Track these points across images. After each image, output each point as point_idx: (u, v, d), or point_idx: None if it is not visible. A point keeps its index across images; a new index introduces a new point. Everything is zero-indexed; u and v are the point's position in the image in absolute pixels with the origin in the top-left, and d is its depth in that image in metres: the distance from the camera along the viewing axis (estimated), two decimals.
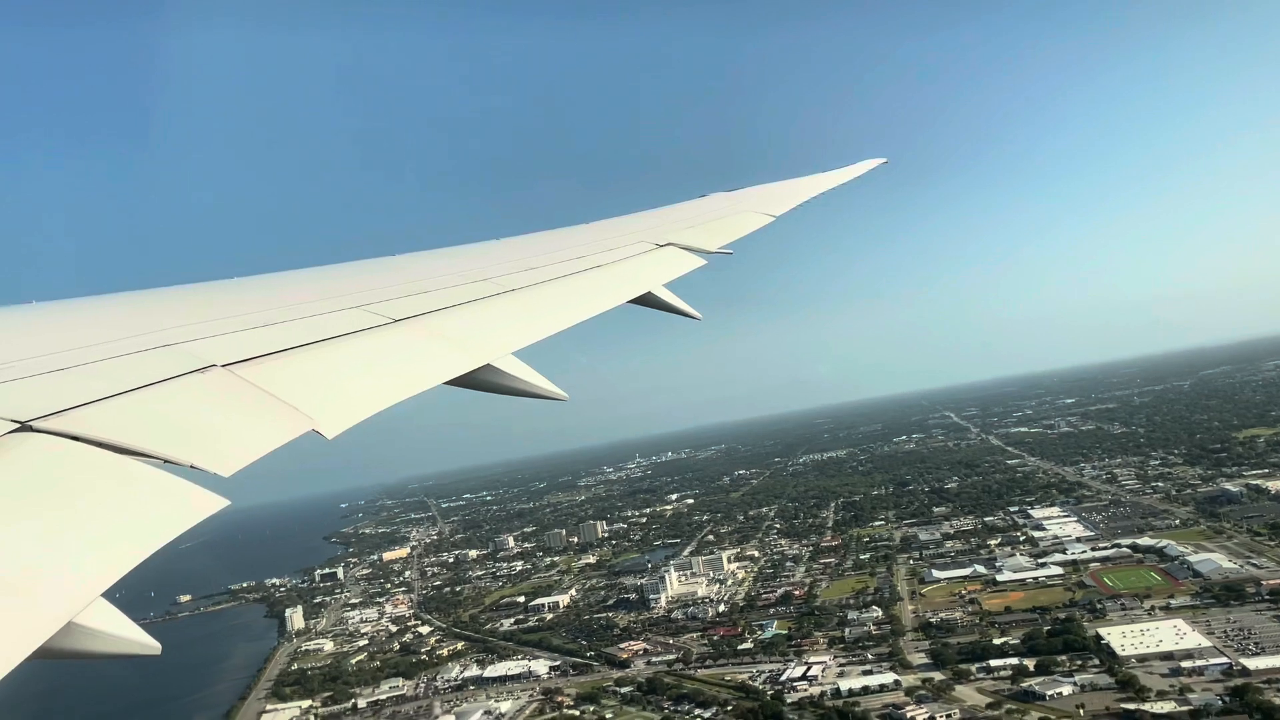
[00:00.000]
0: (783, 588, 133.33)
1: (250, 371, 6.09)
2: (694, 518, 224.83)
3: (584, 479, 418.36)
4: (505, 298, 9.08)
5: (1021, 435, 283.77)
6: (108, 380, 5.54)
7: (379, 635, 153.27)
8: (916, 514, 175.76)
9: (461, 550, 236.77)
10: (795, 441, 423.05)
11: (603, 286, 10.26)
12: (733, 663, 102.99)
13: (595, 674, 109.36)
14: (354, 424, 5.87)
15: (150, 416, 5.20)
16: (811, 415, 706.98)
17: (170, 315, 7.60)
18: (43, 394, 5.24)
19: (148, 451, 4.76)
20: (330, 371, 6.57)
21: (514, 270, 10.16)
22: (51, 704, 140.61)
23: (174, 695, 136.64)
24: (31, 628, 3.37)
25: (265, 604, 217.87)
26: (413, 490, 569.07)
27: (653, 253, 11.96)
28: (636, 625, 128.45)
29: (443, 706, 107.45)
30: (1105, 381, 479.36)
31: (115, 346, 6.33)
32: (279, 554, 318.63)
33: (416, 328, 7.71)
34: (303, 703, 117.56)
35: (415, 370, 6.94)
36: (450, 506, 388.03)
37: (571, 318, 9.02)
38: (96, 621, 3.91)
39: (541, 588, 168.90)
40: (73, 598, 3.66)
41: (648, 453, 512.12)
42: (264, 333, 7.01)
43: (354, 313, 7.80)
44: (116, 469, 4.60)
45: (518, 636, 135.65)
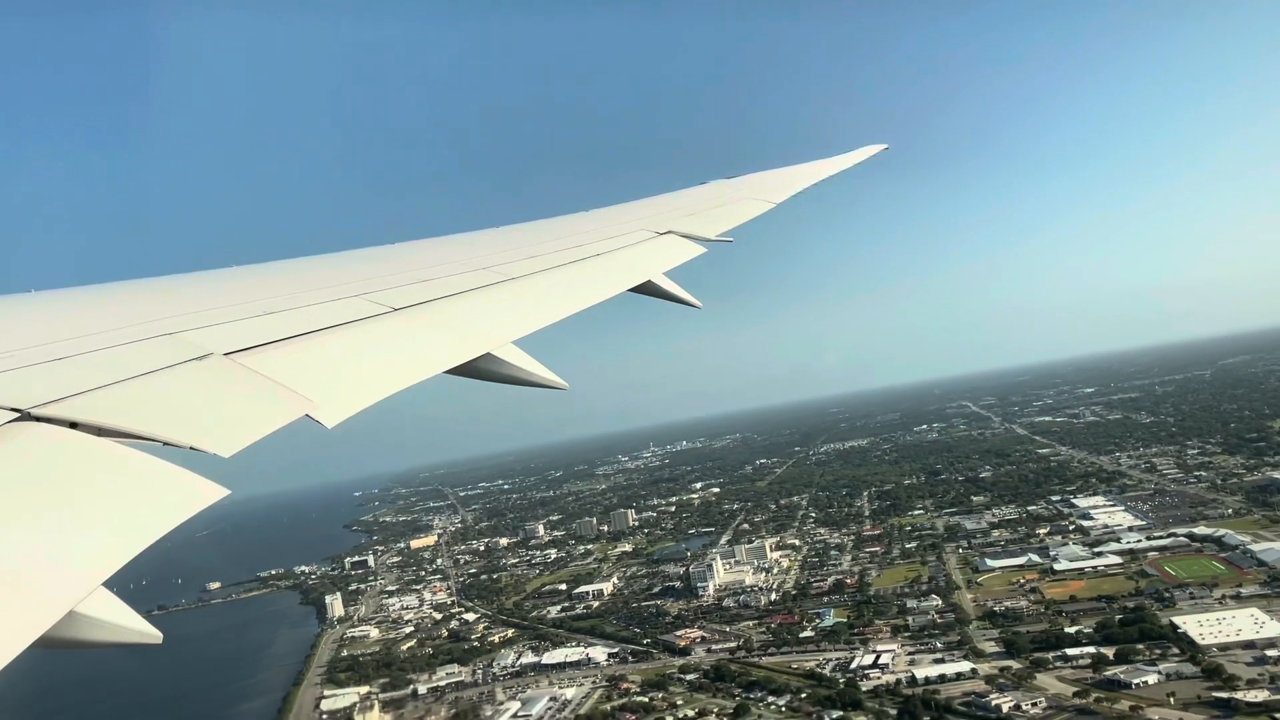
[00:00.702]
0: (832, 576, 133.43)
1: (250, 360, 6.08)
2: (724, 507, 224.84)
3: (601, 467, 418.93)
4: (505, 286, 9.06)
5: (1046, 424, 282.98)
6: (107, 369, 5.54)
7: (424, 622, 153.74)
8: (955, 503, 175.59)
9: (491, 538, 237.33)
10: (812, 431, 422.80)
11: (603, 275, 10.26)
12: (796, 650, 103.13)
13: (656, 661, 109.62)
14: (354, 413, 5.85)
15: (150, 403, 5.21)
16: (823, 404, 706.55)
17: (169, 304, 7.62)
18: (42, 382, 5.22)
19: (147, 435, 4.74)
20: (330, 360, 6.56)
21: (514, 259, 10.15)
22: (98, 691, 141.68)
23: (225, 681, 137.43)
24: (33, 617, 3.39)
25: (298, 591, 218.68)
26: (424, 479, 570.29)
27: (653, 241, 11.90)
28: (688, 613, 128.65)
29: (506, 693, 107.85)
30: (1121, 371, 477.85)
31: (114, 335, 6.32)
32: (301, 542, 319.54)
33: (416, 316, 7.72)
34: (360, 688, 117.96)
35: (415, 359, 6.95)
36: (468, 495, 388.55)
37: (572, 306, 9.02)
38: (97, 610, 3.92)
39: (581, 575, 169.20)
40: (74, 587, 3.67)
41: (661, 441, 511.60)
42: (263, 321, 6.99)
43: (354, 301, 7.79)
44: (117, 458, 4.58)
45: (567, 624, 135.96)
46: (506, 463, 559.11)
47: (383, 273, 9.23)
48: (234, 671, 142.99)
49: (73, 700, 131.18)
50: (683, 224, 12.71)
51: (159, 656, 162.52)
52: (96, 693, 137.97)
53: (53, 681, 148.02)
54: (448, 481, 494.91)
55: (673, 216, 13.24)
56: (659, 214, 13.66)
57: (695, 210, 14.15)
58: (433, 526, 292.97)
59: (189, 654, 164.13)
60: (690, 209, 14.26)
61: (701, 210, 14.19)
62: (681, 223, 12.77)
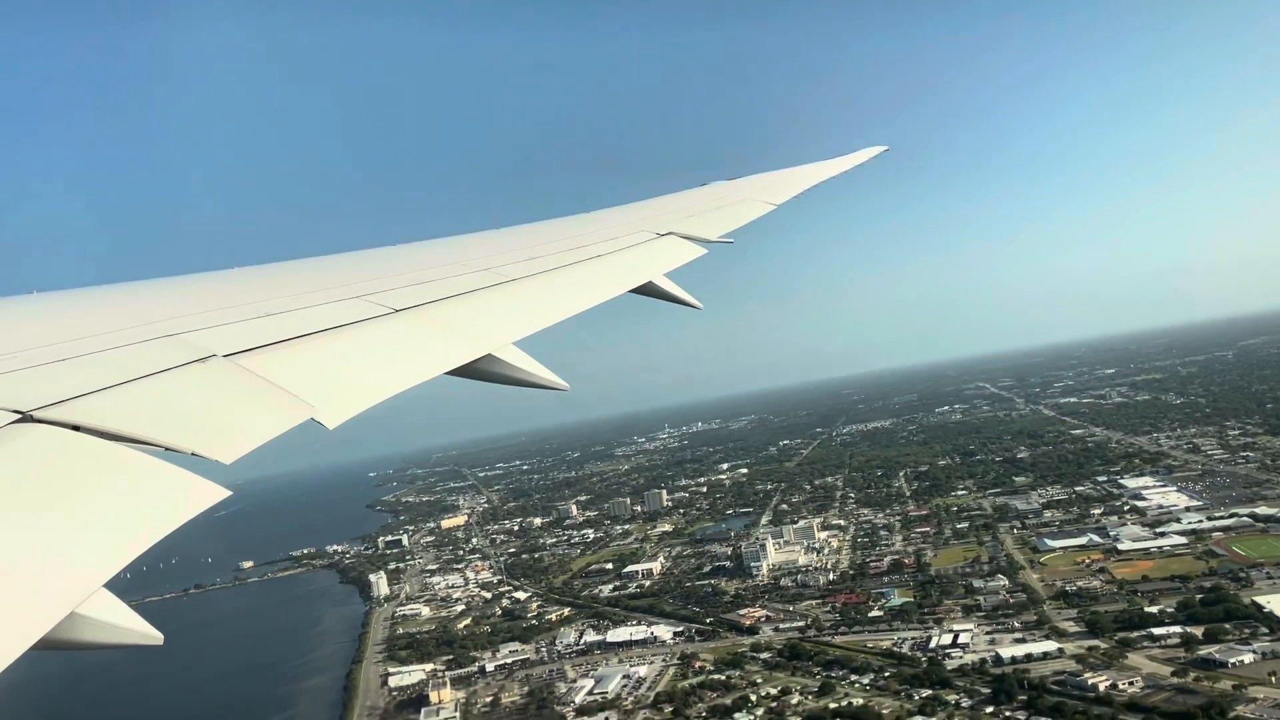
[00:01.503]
0: (888, 557, 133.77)
1: (251, 361, 6.10)
2: (757, 487, 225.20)
3: (619, 448, 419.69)
4: (506, 287, 9.13)
5: (1073, 406, 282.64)
6: (109, 370, 5.56)
7: (474, 601, 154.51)
8: (996, 484, 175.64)
9: (523, 518, 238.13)
10: (830, 412, 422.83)
11: (604, 276, 10.34)
12: (868, 630, 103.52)
13: (723, 640, 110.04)
14: (355, 414, 5.90)
15: (151, 406, 5.23)
16: (834, 385, 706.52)
17: (171, 306, 7.65)
18: (44, 384, 5.25)
19: (149, 440, 4.77)
20: (331, 361, 6.62)
21: (515, 260, 10.21)
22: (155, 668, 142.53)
23: (282, 658, 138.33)
24: (34, 618, 3.42)
25: (335, 570, 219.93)
26: (437, 460, 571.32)
27: (653, 242, 11.96)
28: (746, 592, 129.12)
29: (575, 670, 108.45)
30: (1138, 352, 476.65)
31: (116, 337, 6.34)
32: (327, 522, 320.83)
33: (417, 318, 7.76)
34: (424, 666, 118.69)
35: (416, 360, 7.04)
36: (487, 476, 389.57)
37: (572, 307, 9.09)
38: (98, 612, 3.92)
39: (625, 555, 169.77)
40: (75, 588, 3.70)
41: (675, 423, 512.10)
42: (265, 323, 7.03)
43: (355, 303, 7.82)
44: (117, 459, 4.61)
45: (622, 603, 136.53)
46: (519, 443, 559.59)
47: (384, 274, 9.31)
48: (289, 649, 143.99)
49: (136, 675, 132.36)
50: (683, 225, 12.78)
51: (214, 633, 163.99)
52: (155, 669, 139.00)
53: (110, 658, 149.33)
54: (462, 462, 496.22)
55: (673, 218, 13.32)
56: (660, 215, 13.72)
57: (696, 211, 14.24)
58: (459, 507, 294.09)
59: (241, 632, 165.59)
60: (691, 210, 14.35)
61: (702, 212, 14.27)
62: (682, 224, 12.86)
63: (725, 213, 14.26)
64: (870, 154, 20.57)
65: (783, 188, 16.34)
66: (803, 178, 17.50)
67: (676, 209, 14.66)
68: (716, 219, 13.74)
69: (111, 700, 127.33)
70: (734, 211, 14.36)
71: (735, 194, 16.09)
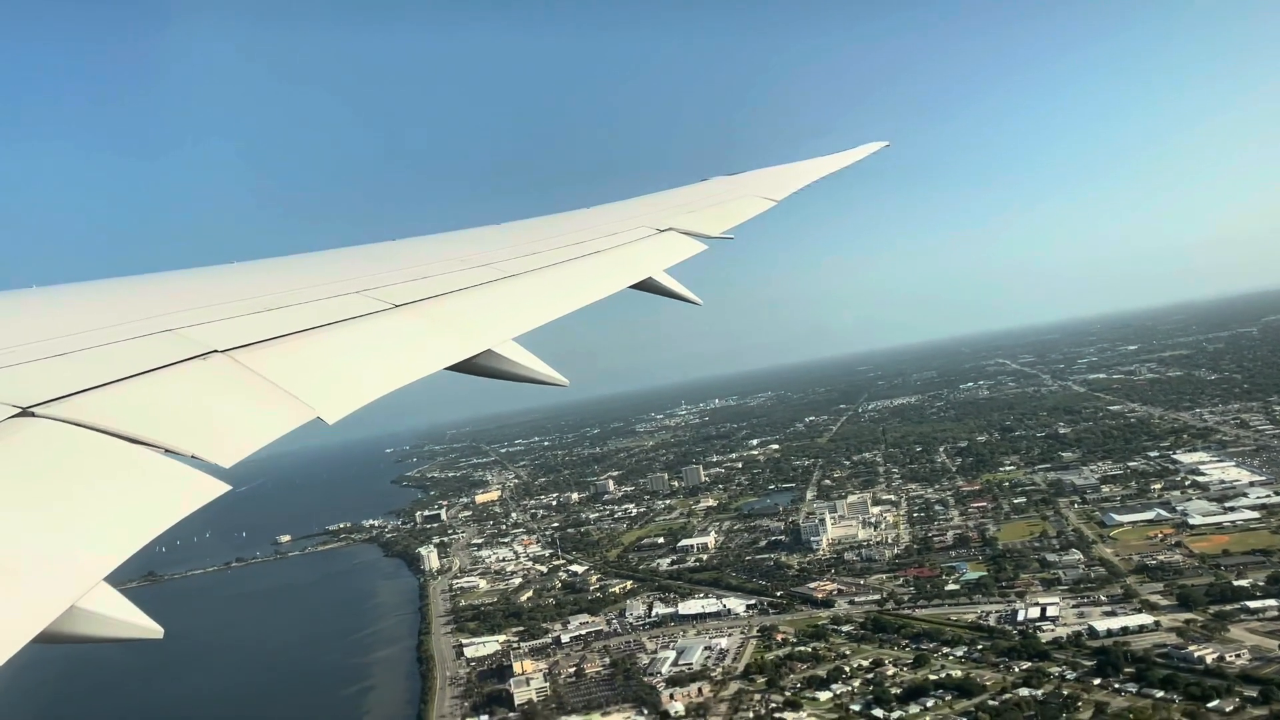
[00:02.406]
0: (950, 531, 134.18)
1: (251, 357, 6.10)
2: (794, 463, 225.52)
3: (639, 425, 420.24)
4: (506, 283, 9.15)
5: (1104, 382, 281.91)
6: (110, 365, 5.56)
7: (530, 574, 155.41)
8: (1043, 459, 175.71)
9: (558, 494, 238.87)
10: (850, 388, 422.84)
11: (604, 272, 10.38)
12: (948, 603, 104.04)
13: (798, 613, 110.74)
14: (355, 409, 5.96)
15: (152, 404, 5.24)
16: (847, 362, 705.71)
17: (171, 300, 7.68)
18: (45, 379, 5.27)
19: (149, 441, 4.79)
20: (331, 356, 6.64)
21: (515, 255, 10.24)
22: (228, 637, 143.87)
23: (348, 629, 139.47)
24: (34, 612, 3.45)
25: (376, 544, 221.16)
26: (453, 436, 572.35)
27: (654, 238, 11.98)
28: (810, 566, 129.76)
29: (653, 642, 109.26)
30: (1155, 329, 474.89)
31: (116, 331, 6.35)
32: (354, 497, 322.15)
33: (417, 313, 7.79)
34: (497, 637, 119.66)
35: (416, 355, 7.07)
36: (509, 452, 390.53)
37: (572, 303, 9.13)
38: (99, 606, 3.95)
39: (673, 530, 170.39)
40: (75, 582, 3.74)
41: (692, 400, 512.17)
42: (265, 318, 7.04)
43: (355, 298, 7.85)
44: (117, 454, 4.64)
45: (684, 576, 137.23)
46: (533, 420, 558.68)
47: (383, 269, 9.32)
48: (352, 620, 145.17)
49: (210, 645, 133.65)
50: (684, 221, 12.79)
51: (272, 605, 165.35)
52: (229, 639, 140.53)
53: (182, 628, 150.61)
54: (479, 439, 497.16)
55: (674, 213, 13.33)
56: (660, 211, 13.73)
57: (696, 207, 14.22)
58: (489, 482, 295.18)
59: (299, 604, 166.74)
60: (691, 206, 14.34)
61: (702, 207, 14.26)
62: (682, 219, 12.87)
63: (726, 208, 14.30)
64: (871, 149, 20.66)
65: (784, 183, 16.35)
66: (803, 173, 17.57)
67: (677, 204, 14.68)
68: (717, 215, 13.77)
69: (192, 669, 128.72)
70: (735, 207, 14.41)
71: (736, 189, 16.13)
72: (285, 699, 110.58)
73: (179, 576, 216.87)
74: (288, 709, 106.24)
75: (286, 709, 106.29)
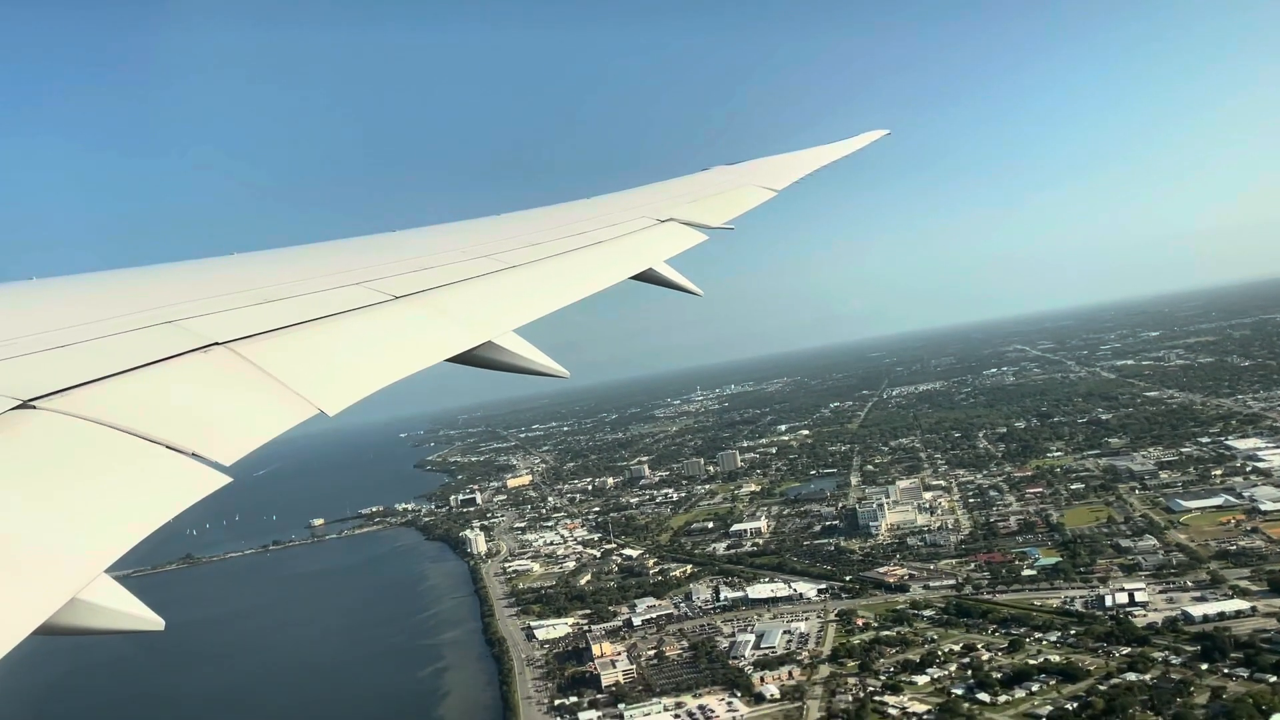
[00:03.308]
0: (1012, 516, 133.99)
1: (252, 349, 6.11)
2: (829, 448, 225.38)
3: (657, 410, 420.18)
4: (507, 274, 9.16)
5: (1132, 368, 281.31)
6: (110, 358, 5.54)
7: (584, 557, 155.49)
8: (1089, 446, 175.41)
9: (591, 478, 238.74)
10: (868, 374, 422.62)
11: (605, 262, 10.40)
12: (1028, 588, 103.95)
13: (872, 597, 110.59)
14: (355, 401, 5.98)
15: (153, 399, 5.22)
16: (857, 348, 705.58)
17: (171, 292, 7.66)
18: (46, 371, 5.25)
19: (150, 438, 4.79)
20: (332, 348, 6.66)
21: (516, 246, 10.26)
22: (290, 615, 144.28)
23: (408, 611, 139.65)
24: (35, 604, 3.48)
25: (414, 528, 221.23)
26: (466, 421, 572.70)
27: (655, 228, 12.01)
28: (874, 551, 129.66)
29: (728, 625, 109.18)
30: (1173, 316, 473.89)
31: (117, 323, 6.35)
32: (380, 481, 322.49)
33: (418, 304, 7.81)
34: (565, 619, 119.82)
35: (416, 347, 7.09)
36: (528, 437, 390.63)
37: (573, 294, 9.13)
38: (100, 597, 3.95)
39: (720, 514, 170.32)
40: (76, 574, 3.77)
41: (707, 385, 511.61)
42: (265, 309, 7.05)
43: (355, 289, 7.88)
44: (117, 447, 4.63)
45: (744, 560, 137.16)
46: (544, 405, 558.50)
47: (383, 261, 9.34)
48: (408, 603, 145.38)
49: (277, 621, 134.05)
50: (684, 211, 12.79)
51: (325, 588, 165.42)
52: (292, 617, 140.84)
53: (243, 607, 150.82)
54: (493, 424, 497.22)
55: (674, 203, 13.32)
56: (661, 201, 13.71)
57: (697, 197, 14.20)
58: (516, 467, 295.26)
59: (351, 586, 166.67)
60: (692, 196, 14.33)
61: (703, 197, 14.25)
62: (683, 210, 12.87)
63: (726, 198, 14.26)
64: (871, 138, 20.60)
65: (784, 173, 16.31)
66: (804, 162, 17.51)
67: (678, 194, 14.60)
68: (718, 205, 13.74)
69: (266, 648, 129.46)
70: (735, 197, 14.37)
71: (737, 179, 16.05)
72: (364, 678, 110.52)
73: (217, 559, 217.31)
74: (370, 688, 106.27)
75: (368, 688, 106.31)
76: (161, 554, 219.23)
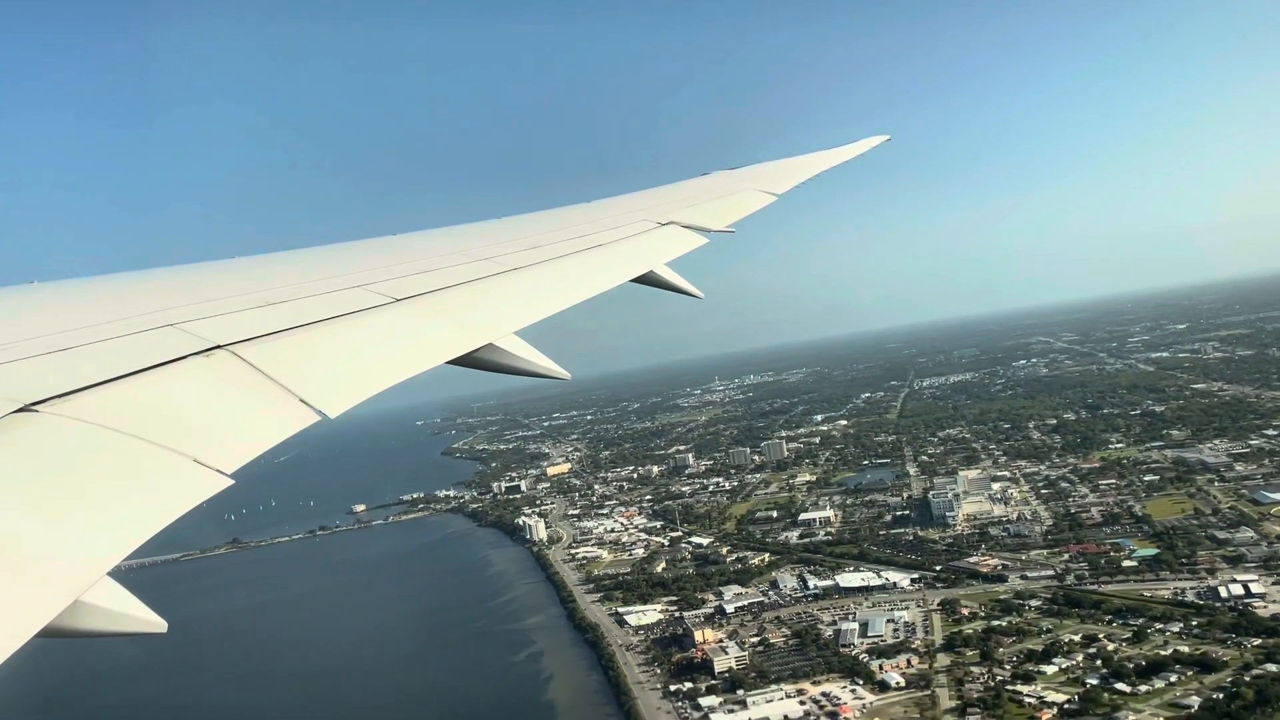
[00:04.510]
0: (1092, 507, 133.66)
1: (253, 352, 6.10)
2: (875, 439, 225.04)
3: (679, 399, 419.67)
4: (507, 277, 9.21)
5: (1168, 361, 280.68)
6: (112, 361, 5.53)
7: (651, 545, 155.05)
8: (1150, 438, 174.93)
9: (634, 466, 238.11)
10: (892, 365, 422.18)
11: (605, 265, 10.47)
12: (1132, 580, 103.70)
13: (969, 587, 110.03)
14: (356, 403, 5.98)
15: (155, 403, 5.19)
16: (872, 338, 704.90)
17: (172, 295, 7.66)
18: (47, 375, 5.24)
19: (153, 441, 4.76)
20: (332, 351, 6.68)
21: (516, 249, 10.32)
22: (367, 597, 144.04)
23: (483, 597, 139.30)
24: (37, 606, 3.50)
25: (461, 514, 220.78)
26: (479, 409, 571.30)
27: (655, 231, 12.09)
28: (957, 541, 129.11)
29: (827, 614, 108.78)
30: (1193, 308, 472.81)
31: (118, 326, 6.34)
32: (406, 468, 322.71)
33: (418, 307, 7.83)
34: (652, 606, 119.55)
35: (417, 349, 7.11)
36: (553, 425, 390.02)
37: (573, 297, 9.17)
38: (103, 600, 3.96)
39: (780, 504, 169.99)
40: (78, 577, 3.77)
41: (725, 375, 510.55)
42: (266, 312, 7.08)
43: (355, 292, 7.90)
44: (120, 450, 4.63)
45: (822, 549, 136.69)
46: (559, 394, 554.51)
47: (384, 263, 9.37)
48: (480, 588, 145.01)
49: (358, 604, 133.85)
50: (685, 215, 12.89)
51: (391, 570, 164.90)
52: (369, 598, 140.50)
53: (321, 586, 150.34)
54: (509, 412, 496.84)
55: (675, 207, 13.42)
56: (661, 205, 13.81)
57: (697, 201, 14.29)
58: (549, 455, 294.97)
59: (416, 571, 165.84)
60: (692, 200, 14.43)
61: (704, 201, 14.34)
62: (683, 213, 12.97)
63: (726, 202, 14.35)
64: (871, 144, 20.74)
65: (784, 177, 16.41)
66: (804, 167, 17.66)
67: (678, 198, 14.69)
68: (718, 209, 13.83)
69: (344, 630, 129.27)
70: (735, 201, 14.44)
71: (737, 184, 16.12)
72: (460, 661, 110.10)
73: (265, 544, 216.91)
74: (470, 671, 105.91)
75: (469, 671, 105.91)
76: (207, 539, 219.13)
